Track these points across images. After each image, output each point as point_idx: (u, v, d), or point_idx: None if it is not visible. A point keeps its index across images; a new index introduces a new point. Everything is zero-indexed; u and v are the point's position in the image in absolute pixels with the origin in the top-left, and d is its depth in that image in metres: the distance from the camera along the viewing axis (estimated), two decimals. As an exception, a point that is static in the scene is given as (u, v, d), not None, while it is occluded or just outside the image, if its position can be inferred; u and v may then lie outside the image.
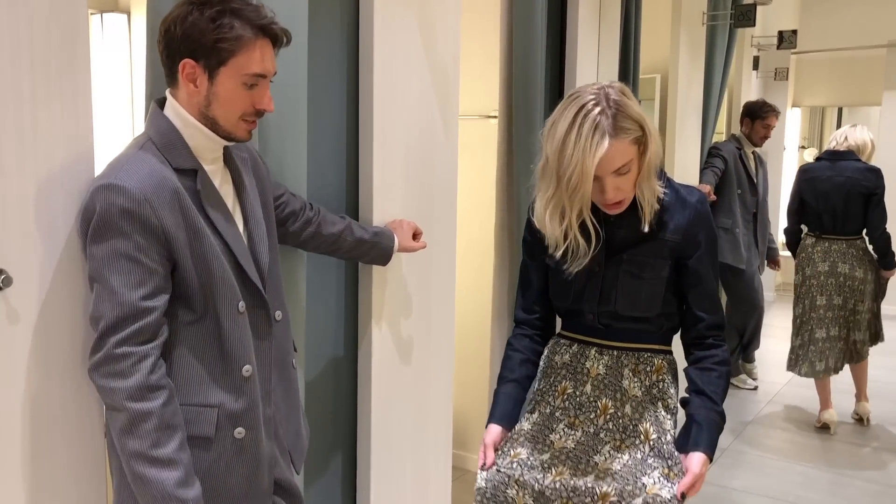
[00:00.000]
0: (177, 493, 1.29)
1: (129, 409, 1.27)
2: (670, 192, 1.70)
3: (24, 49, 1.28)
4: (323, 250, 1.82)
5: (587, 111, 1.57)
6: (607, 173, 1.59)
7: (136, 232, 1.27)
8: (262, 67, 1.35)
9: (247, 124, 1.40)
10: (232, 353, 1.40)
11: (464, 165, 2.72)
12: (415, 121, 2.12)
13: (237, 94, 1.35)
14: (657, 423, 1.72)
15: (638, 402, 1.73)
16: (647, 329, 1.76)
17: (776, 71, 6.88)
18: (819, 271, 4.05)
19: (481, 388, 3.28)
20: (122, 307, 1.27)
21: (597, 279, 1.72)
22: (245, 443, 1.43)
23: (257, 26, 1.33)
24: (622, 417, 1.73)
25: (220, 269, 1.37)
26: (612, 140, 1.55)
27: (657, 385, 1.75)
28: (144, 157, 1.32)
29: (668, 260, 1.69)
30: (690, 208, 1.69)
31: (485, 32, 3.21)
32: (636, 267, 1.69)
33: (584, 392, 1.77)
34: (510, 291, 2.90)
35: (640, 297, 1.71)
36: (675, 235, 1.68)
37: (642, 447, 1.70)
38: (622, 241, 1.70)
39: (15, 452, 1.33)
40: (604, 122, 1.55)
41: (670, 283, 1.72)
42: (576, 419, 1.75)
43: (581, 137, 1.55)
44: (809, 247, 4.11)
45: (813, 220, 4.11)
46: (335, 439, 2.09)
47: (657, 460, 1.68)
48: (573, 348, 1.81)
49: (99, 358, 1.28)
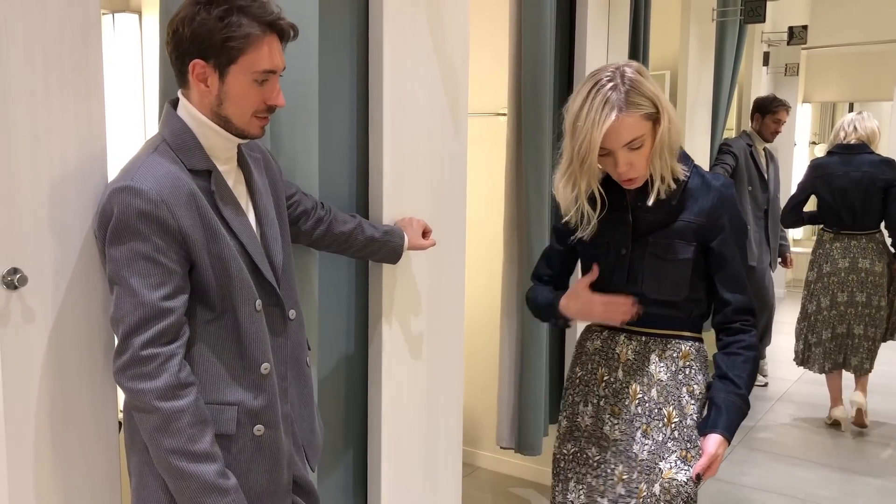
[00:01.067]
0: (218, 483, 1.32)
1: (160, 408, 1.28)
2: (695, 176, 1.75)
3: (37, 49, 1.30)
4: (334, 249, 1.83)
5: (600, 87, 1.64)
6: (618, 147, 1.65)
7: (155, 233, 1.28)
8: (272, 63, 1.36)
9: (259, 121, 1.40)
10: (250, 351, 1.41)
11: (473, 162, 2.73)
12: (424, 118, 2.13)
13: (248, 91, 1.36)
14: (679, 406, 1.75)
15: (663, 387, 1.77)
16: (675, 315, 1.78)
17: (786, 67, 6.84)
18: (839, 268, 3.99)
19: (491, 384, 3.28)
20: (144, 308, 1.28)
21: (624, 261, 1.77)
22: (265, 440, 1.44)
23: (265, 22, 1.34)
24: (648, 402, 1.77)
25: (236, 268, 1.38)
26: (620, 114, 1.61)
27: (683, 371, 1.78)
28: (159, 158, 1.33)
29: (692, 243, 1.73)
30: (714, 191, 1.73)
31: (494, 29, 3.21)
32: (661, 249, 1.74)
33: (617, 378, 1.82)
34: (519, 288, 2.90)
35: (666, 280, 1.74)
36: (699, 218, 1.72)
37: (664, 430, 1.74)
38: (648, 224, 1.75)
39: (29, 451, 1.35)
40: (614, 97, 1.62)
41: (697, 266, 1.75)
42: (615, 406, 1.81)
43: (591, 111, 1.63)
44: (827, 243, 4.05)
45: (830, 217, 4.04)
46: (346, 436, 2.10)
47: (676, 443, 1.72)
48: (603, 334, 1.87)
49: (125, 360, 1.28)
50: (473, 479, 3.47)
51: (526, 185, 2.79)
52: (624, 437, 1.78)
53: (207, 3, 1.31)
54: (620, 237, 1.77)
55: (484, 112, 3.37)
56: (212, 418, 1.37)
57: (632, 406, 1.78)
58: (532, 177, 2.76)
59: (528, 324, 2.87)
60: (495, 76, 3.23)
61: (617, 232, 1.78)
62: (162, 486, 1.36)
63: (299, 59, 1.71)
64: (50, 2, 1.31)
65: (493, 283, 3.24)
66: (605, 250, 1.80)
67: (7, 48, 1.25)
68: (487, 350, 3.40)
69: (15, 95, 1.27)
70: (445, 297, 2.29)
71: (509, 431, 2.97)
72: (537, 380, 2.88)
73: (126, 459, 1.44)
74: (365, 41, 1.99)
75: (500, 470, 3.55)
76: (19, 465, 1.34)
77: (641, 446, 1.75)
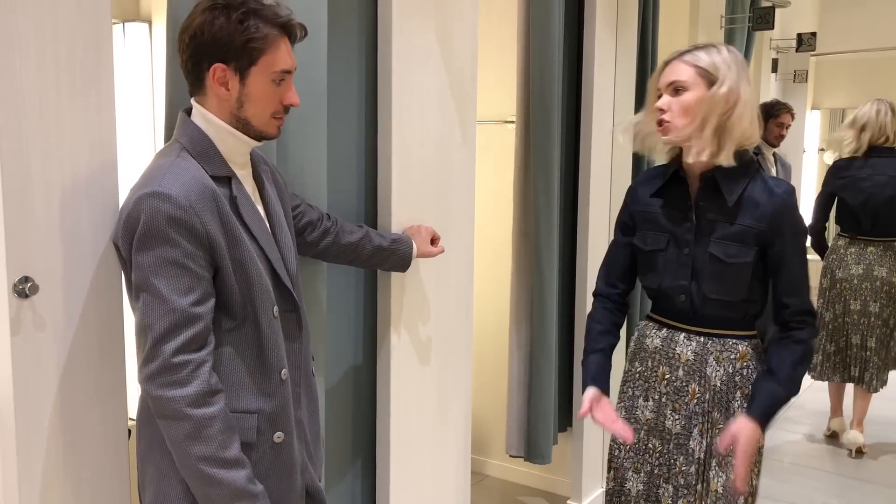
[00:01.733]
0: (249, 489, 1.32)
1: (192, 415, 1.27)
2: (758, 180, 1.78)
3: (49, 60, 1.30)
4: (342, 260, 1.84)
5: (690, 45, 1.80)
6: (664, 86, 1.77)
7: (184, 238, 1.28)
8: (288, 63, 1.39)
9: (276, 121, 1.43)
10: (269, 358, 1.41)
11: (481, 170, 2.73)
12: (433, 126, 2.13)
13: (268, 91, 1.38)
14: (727, 412, 1.81)
15: (716, 391, 1.82)
16: (731, 315, 1.82)
17: (795, 73, 6.83)
18: (852, 274, 3.84)
19: (500, 393, 3.28)
20: (174, 314, 1.27)
21: (686, 259, 1.81)
22: (282, 446, 1.44)
23: (279, 24, 1.37)
24: (705, 403, 1.83)
25: (256, 273, 1.38)
26: (678, 59, 1.76)
27: (740, 373, 1.82)
28: (184, 164, 1.33)
29: (753, 247, 1.76)
30: (776, 197, 1.76)
31: (502, 37, 3.22)
32: (722, 251, 1.77)
33: (678, 377, 1.87)
34: (529, 295, 2.90)
35: (726, 281, 1.77)
36: (760, 223, 1.75)
37: (713, 432, 1.82)
38: (710, 225, 1.79)
39: (40, 459, 1.35)
40: (686, 49, 1.77)
41: (756, 269, 1.78)
42: (676, 402, 1.87)
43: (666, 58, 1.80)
44: (842, 248, 3.89)
45: (848, 221, 3.88)
46: (355, 444, 2.10)
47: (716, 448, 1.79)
48: (662, 332, 1.91)
49: (155, 368, 1.27)
50: (482, 488, 3.46)
51: (534, 192, 2.78)
52: (684, 432, 1.85)
53: (225, 7, 1.33)
54: (683, 235, 1.81)
55: (492, 120, 3.38)
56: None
57: (691, 404, 1.84)
58: (540, 184, 2.76)
59: (537, 332, 2.86)
60: (503, 84, 3.23)
61: (679, 229, 1.82)
62: (183, 494, 1.35)
63: (308, 68, 1.72)
64: (62, 13, 1.32)
65: (501, 290, 3.23)
66: (664, 246, 1.84)
67: (20, 59, 1.26)
68: (496, 358, 3.40)
69: (27, 105, 1.28)
70: (454, 304, 2.28)
71: (518, 440, 2.96)
72: (547, 388, 2.87)
73: (138, 470, 1.44)
74: (373, 49, 2.00)
75: (510, 478, 3.54)
76: (30, 472, 1.34)
77: (698, 443, 1.82)
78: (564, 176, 2.96)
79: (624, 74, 3.12)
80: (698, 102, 1.72)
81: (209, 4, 1.33)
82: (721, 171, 1.76)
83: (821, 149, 8.00)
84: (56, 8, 1.31)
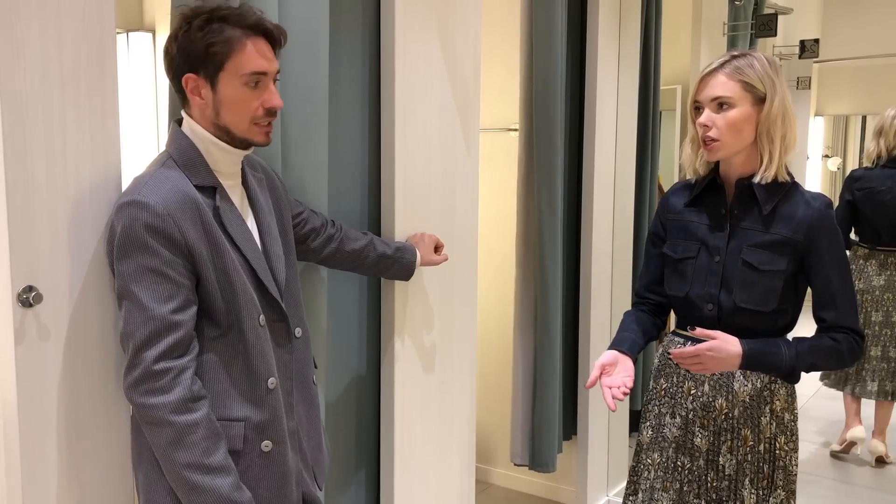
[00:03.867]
0: (233, 497, 1.32)
1: (174, 422, 1.28)
2: (795, 192, 1.75)
3: (54, 70, 1.31)
4: (345, 267, 1.83)
5: (724, 55, 1.73)
6: (707, 100, 1.71)
7: (162, 246, 1.29)
8: (258, 65, 1.36)
9: (260, 127, 1.40)
10: (256, 366, 1.41)
11: (485, 178, 2.73)
12: (436, 133, 2.13)
13: (241, 95, 1.36)
14: (757, 429, 1.78)
15: (745, 407, 1.78)
16: (761, 327, 1.76)
17: (798, 80, 6.82)
18: (874, 286, 3.82)
19: (504, 400, 3.27)
20: (154, 322, 1.28)
21: (717, 267, 1.77)
22: (272, 455, 1.43)
23: (245, 25, 1.35)
24: (733, 419, 1.79)
25: (240, 282, 1.38)
26: (721, 71, 1.70)
27: (769, 387, 1.79)
28: (167, 173, 1.35)
29: (786, 257, 1.72)
30: (814, 210, 1.72)
31: (505, 45, 3.22)
32: (755, 259, 1.73)
33: (704, 392, 1.83)
34: (533, 303, 2.89)
35: (757, 290, 1.73)
36: (796, 234, 1.72)
37: (742, 449, 1.78)
38: (744, 233, 1.76)
39: (44, 467, 1.35)
40: (725, 59, 1.71)
41: (789, 281, 1.74)
42: (703, 419, 1.82)
43: (704, 69, 1.74)
44: (861, 259, 3.87)
45: (867, 232, 3.85)
46: (358, 453, 2.09)
47: (749, 466, 1.77)
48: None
49: (137, 376, 1.28)
50: (487, 497, 3.45)
51: (538, 199, 2.78)
52: (713, 448, 1.80)
53: (190, 17, 1.35)
54: (715, 243, 1.78)
55: (495, 127, 3.38)
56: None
57: (719, 419, 1.80)
58: (544, 192, 2.76)
59: (541, 340, 2.86)
60: (507, 91, 3.24)
61: (712, 237, 1.79)
62: (171, 502, 1.36)
63: (310, 76, 1.72)
64: (66, 23, 1.32)
65: (505, 298, 3.23)
66: (695, 254, 1.81)
67: (24, 68, 1.27)
68: (500, 366, 3.39)
69: (31, 115, 1.28)
70: (457, 312, 2.28)
71: (523, 448, 2.95)
72: (551, 396, 2.86)
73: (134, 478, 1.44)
74: (376, 56, 2.00)
75: (514, 487, 3.52)
76: (34, 480, 1.34)
77: (727, 460, 1.79)
78: (568, 184, 2.96)
79: (627, 82, 3.12)
80: (746, 119, 1.69)
81: (178, 17, 1.36)
82: (753, 178, 1.74)
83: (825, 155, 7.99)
84: (60, 17, 1.31)
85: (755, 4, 4.49)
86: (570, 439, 3.13)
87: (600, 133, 2.96)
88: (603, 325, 3.08)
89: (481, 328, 3.19)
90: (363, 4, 1.96)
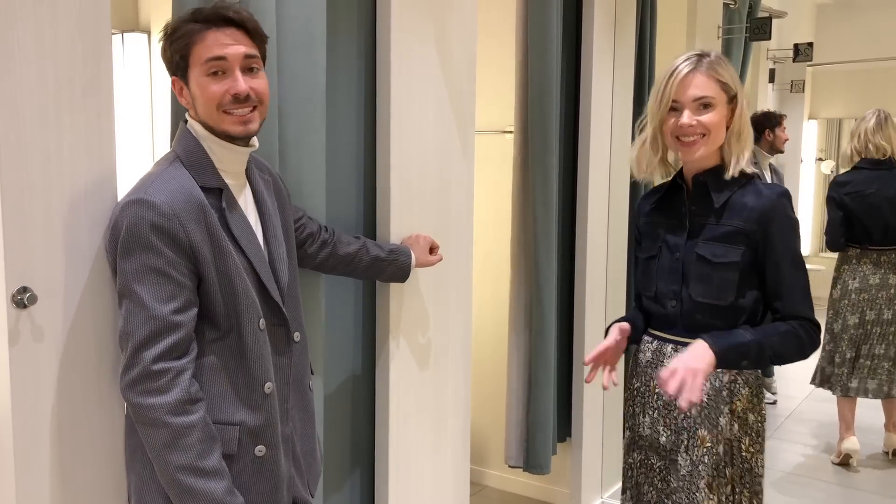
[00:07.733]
0: (226, 501, 1.31)
1: (170, 423, 1.27)
2: (751, 186, 1.77)
3: (49, 70, 1.31)
4: (340, 271, 1.83)
5: (688, 55, 1.74)
6: (689, 101, 1.71)
7: (166, 246, 1.28)
8: (218, 50, 1.35)
9: (229, 116, 1.37)
10: (253, 370, 1.41)
11: (480, 180, 2.73)
12: (431, 136, 2.14)
13: (205, 85, 1.36)
14: (715, 429, 1.76)
15: (702, 407, 1.78)
16: (719, 324, 1.75)
17: (792, 83, 6.86)
18: (870, 284, 3.84)
19: (499, 402, 3.27)
20: (154, 321, 1.28)
21: (677, 264, 1.79)
22: (265, 460, 1.43)
23: (203, 19, 1.36)
24: (691, 418, 1.79)
25: (242, 285, 1.38)
26: (698, 71, 1.71)
27: (728, 387, 1.78)
28: (174, 173, 1.35)
29: (740, 247, 1.73)
30: (765, 199, 1.73)
31: (500, 47, 3.23)
32: (709, 251, 1.75)
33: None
34: (527, 305, 2.89)
35: (713, 283, 1.74)
36: (748, 224, 1.73)
37: (698, 451, 1.77)
38: (700, 228, 1.78)
39: (38, 468, 1.35)
40: (696, 59, 1.72)
41: (745, 272, 1.73)
42: (666, 417, 1.84)
43: (673, 68, 1.72)
44: (854, 259, 3.89)
45: (859, 234, 3.88)
46: (353, 455, 2.09)
47: (705, 468, 1.75)
48: (653, 345, 1.88)
49: (135, 375, 1.28)
50: (481, 498, 3.45)
51: (533, 202, 2.79)
52: (675, 448, 1.81)
53: (167, 25, 1.39)
54: (675, 241, 1.80)
55: (491, 130, 3.38)
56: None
57: (679, 418, 1.81)
58: (539, 194, 2.77)
59: (536, 341, 2.86)
60: (502, 94, 3.24)
61: (673, 236, 1.81)
62: (164, 503, 1.35)
63: (307, 77, 1.73)
64: (62, 23, 1.32)
65: (500, 300, 3.23)
66: (657, 253, 1.83)
67: (19, 69, 1.26)
68: (495, 368, 3.39)
69: (27, 116, 1.28)
70: (453, 314, 2.28)
71: (517, 450, 2.95)
72: (546, 398, 2.87)
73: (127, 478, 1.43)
74: (372, 59, 2.01)
75: (508, 489, 3.53)
76: (28, 482, 1.33)
77: (684, 460, 1.79)
78: (563, 186, 2.97)
79: (622, 84, 3.13)
80: (723, 118, 1.73)
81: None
82: (710, 174, 1.77)
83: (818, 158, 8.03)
84: (56, 18, 1.31)
85: (749, 8, 4.51)
86: (564, 441, 3.13)
87: (595, 136, 2.97)
88: (597, 326, 3.08)
89: (476, 330, 3.19)
90: (360, 7, 1.96)
